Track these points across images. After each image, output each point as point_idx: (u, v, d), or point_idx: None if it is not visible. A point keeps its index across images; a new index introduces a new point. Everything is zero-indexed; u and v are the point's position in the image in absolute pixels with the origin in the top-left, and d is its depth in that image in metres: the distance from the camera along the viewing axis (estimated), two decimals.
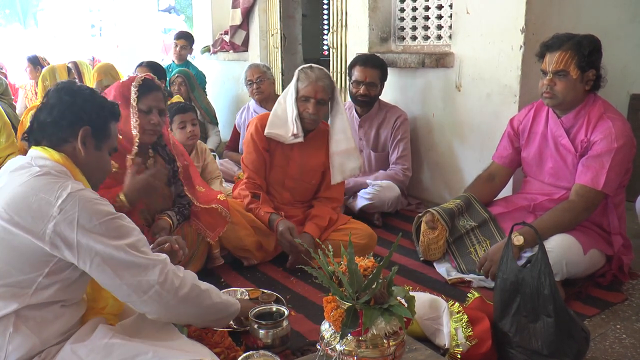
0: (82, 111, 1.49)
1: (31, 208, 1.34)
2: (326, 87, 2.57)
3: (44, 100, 1.52)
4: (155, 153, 2.34)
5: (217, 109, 5.93)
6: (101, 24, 13.31)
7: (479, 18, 3.18)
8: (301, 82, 2.58)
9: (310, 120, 2.59)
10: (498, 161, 2.70)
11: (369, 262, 1.38)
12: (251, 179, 2.70)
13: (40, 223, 1.33)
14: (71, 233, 1.34)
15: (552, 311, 1.67)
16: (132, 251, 1.39)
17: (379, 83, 3.41)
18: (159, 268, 1.42)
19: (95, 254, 1.36)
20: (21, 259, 1.35)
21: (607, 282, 2.36)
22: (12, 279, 1.35)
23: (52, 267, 1.37)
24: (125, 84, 2.21)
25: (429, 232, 2.55)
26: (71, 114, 1.48)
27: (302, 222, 2.68)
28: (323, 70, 2.60)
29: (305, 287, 2.38)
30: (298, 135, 2.60)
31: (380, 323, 1.31)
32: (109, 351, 1.38)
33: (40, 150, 1.47)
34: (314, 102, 2.55)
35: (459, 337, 1.77)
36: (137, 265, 1.40)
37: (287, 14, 5.54)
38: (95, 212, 1.37)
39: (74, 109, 1.48)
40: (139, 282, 1.39)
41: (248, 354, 1.60)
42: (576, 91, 2.31)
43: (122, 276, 1.38)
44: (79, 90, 1.52)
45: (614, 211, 2.37)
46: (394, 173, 3.42)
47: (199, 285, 1.55)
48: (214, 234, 2.40)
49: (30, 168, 1.41)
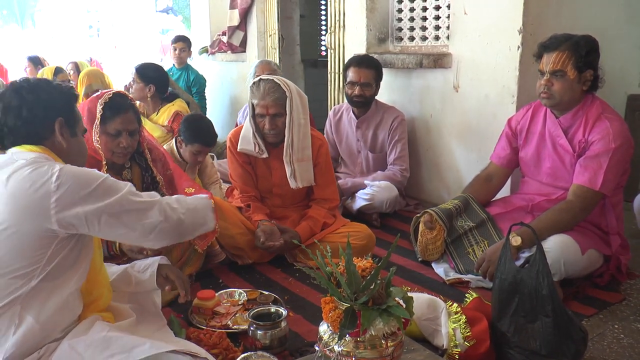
0: (51, 105, 1.49)
1: (29, 196, 1.35)
2: (276, 101, 2.50)
3: (2, 103, 1.48)
4: (131, 162, 2.28)
5: (215, 110, 5.94)
6: (99, 25, 13.30)
7: (476, 19, 3.18)
8: (254, 98, 2.55)
9: (271, 135, 2.57)
10: (496, 161, 2.70)
11: (367, 263, 1.38)
12: (244, 192, 2.71)
13: (42, 207, 1.35)
14: (74, 204, 1.37)
15: (550, 311, 1.68)
16: (131, 198, 1.47)
17: (374, 83, 3.41)
18: (157, 207, 1.52)
19: (102, 213, 1.41)
20: (23, 247, 1.36)
21: (605, 282, 2.36)
22: (15, 266, 1.36)
23: (54, 248, 1.40)
24: (93, 102, 2.12)
25: (426, 232, 2.55)
26: (42, 111, 1.47)
27: (297, 222, 2.68)
28: (271, 83, 2.51)
29: (303, 288, 2.38)
30: (262, 152, 2.61)
31: (379, 324, 1.31)
32: (107, 344, 1.38)
33: (19, 148, 1.46)
34: (269, 118, 2.52)
35: (457, 337, 1.77)
36: (138, 210, 1.48)
37: (285, 15, 5.54)
38: (89, 178, 1.42)
39: (42, 105, 1.48)
40: (143, 225, 1.48)
41: (246, 355, 1.60)
42: (573, 91, 2.32)
43: (128, 224, 1.46)
44: (37, 85, 1.50)
45: (611, 211, 2.38)
46: (391, 174, 3.42)
47: (188, 203, 1.65)
48: (202, 243, 2.31)
49: (13, 163, 1.41)
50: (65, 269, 1.43)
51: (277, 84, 2.52)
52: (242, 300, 2.17)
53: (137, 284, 1.73)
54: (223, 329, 1.95)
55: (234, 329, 1.95)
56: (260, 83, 2.54)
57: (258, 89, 2.53)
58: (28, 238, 1.36)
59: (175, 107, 3.73)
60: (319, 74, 5.76)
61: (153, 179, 2.30)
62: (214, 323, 2.00)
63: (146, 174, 2.29)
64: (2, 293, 1.34)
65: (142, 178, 2.29)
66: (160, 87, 3.69)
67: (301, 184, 2.64)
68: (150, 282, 1.71)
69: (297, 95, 2.56)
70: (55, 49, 10.67)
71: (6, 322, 1.34)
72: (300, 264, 2.56)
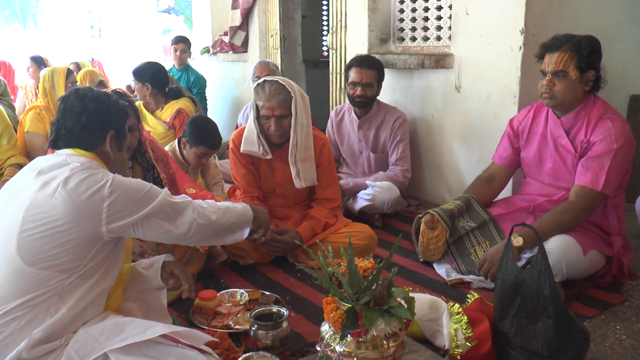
0: (108, 117, 1.63)
1: (85, 199, 1.45)
2: (282, 102, 2.50)
3: (64, 106, 1.60)
4: (133, 161, 2.31)
5: (216, 110, 5.94)
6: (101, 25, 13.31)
7: (478, 19, 3.18)
8: (258, 100, 2.55)
9: (276, 136, 2.58)
10: (498, 162, 2.70)
11: (368, 264, 1.38)
12: (247, 193, 2.71)
13: (95, 211, 1.46)
14: (123, 210, 1.50)
15: (552, 312, 1.67)
16: (169, 199, 1.61)
17: (376, 84, 3.40)
18: (190, 207, 1.66)
19: (146, 217, 1.55)
20: (73, 245, 1.45)
21: (606, 283, 2.36)
22: (62, 261, 1.44)
23: (97, 250, 1.50)
24: None
25: (428, 231, 2.54)
26: (99, 121, 1.60)
27: (299, 222, 2.68)
28: (276, 84, 2.51)
29: (305, 289, 2.38)
30: (266, 154, 2.61)
31: (380, 324, 1.31)
32: (121, 328, 1.44)
33: (72, 151, 1.58)
34: (274, 120, 2.53)
35: (459, 338, 1.77)
36: (175, 210, 1.62)
37: (287, 15, 5.54)
38: (137, 187, 1.55)
39: (101, 115, 1.61)
40: (181, 223, 1.62)
41: (248, 355, 1.61)
42: (575, 92, 2.32)
43: (168, 223, 1.60)
44: (99, 97, 1.63)
45: (613, 212, 2.37)
46: (393, 174, 3.42)
47: (220, 206, 1.78)
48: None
49: (68, 165, 1.51)
50: (101, 269, 1.53)
51: (282, 85, 2.52)
52: (244, 301, 2.17)
53: (143, 281, 1.78)
54: (225, 329, 1.95)
55: (236, 329, 1.96)
56: (264, 84, 2.53)
57: (263, 90, 2.52)
58: (79, 237, 1.46)
59: (179, 105, 3.79)
60: (321, 75, 5.76)
61: (155, 179, 2.31)
62: (216, 323, 2.00)
63: (148, 174, 2.31)
64: (46, 283, 1.43)
65: (144, 178, 2.30)
66: (156, 84, 3.76)
67: (305, 183, 2.64)
68: (156, 278, 1.76)
69: (300, 95, 2.56)
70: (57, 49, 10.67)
71: (44, 309, 1.43)
72: (302, 264, 2.57)
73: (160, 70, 3.88)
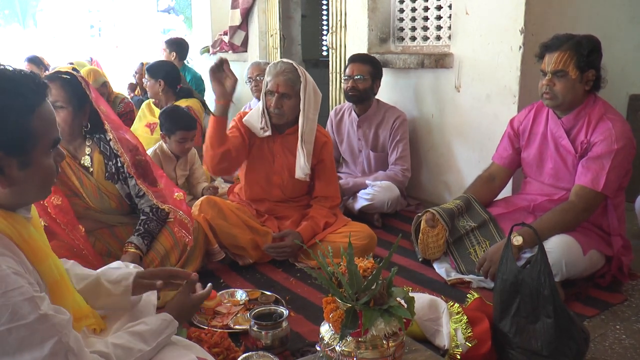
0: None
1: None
2: (288, 81, 2.52)
3: None
4: (92, 147, 2.19)
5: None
6: (100, 25, 13.32)
7: (478, 19, 3.18)
8: (267, 76, 2.58)
9: (274, 115, 2.57)
10: (498, 162, 2.70)
11: (368, 263, 1.38)
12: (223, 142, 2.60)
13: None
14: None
15: (551, 312, 1.67)
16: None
17: (369, 77, 3.39)
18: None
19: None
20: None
21: (606, 282, 2.36)
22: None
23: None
24: None
25: (428, 230, 2.54)
26: None
27: (298, 222, 2.68)
28: (289, 65, 2.57)
29: (304, 288, 2.38)
30: (266, 129, 2.61)
31: (380, 324, 1.31)
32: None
33: None
34: (277, 96, 2.54)
35: (459, 338, 1.77)
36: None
37: (287, 15, 5.54)
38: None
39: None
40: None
41: (247, 355, 1.60)
42: (575, 91, 2.31)
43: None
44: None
45: (613, 212, 2.37)
46: (393, 174, 3.42)
47: (133, 345, 1.28)
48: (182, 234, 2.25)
49: None
50: None
51: (294, 68, 2.56)
52: (244, 300, 2.17)
53: (107, 296, 1.47)
54: (224, 328, 1.95)
55: (236, 329, 1.95)
56: (278, 63, 2.58)
57: (275, 67, 2.56)
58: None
59: (188, 103, 3.83)
60: (321, 74, 5.74)
61: (118, 168, 2.19)
62: (215, 323, 2.00)
63: (109, 162, 2.19)
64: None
65: (105, 167, 2.20)
66: (169, 81, 3.84)
67: (299, 172, 2.63)
68: (123, 300, 1.46)
69: (312, 88, 2.59)
70: (56, 49, 10.68)
71: None
72: (302, 264, 2.58)
73: (174, 68, 4.02)
